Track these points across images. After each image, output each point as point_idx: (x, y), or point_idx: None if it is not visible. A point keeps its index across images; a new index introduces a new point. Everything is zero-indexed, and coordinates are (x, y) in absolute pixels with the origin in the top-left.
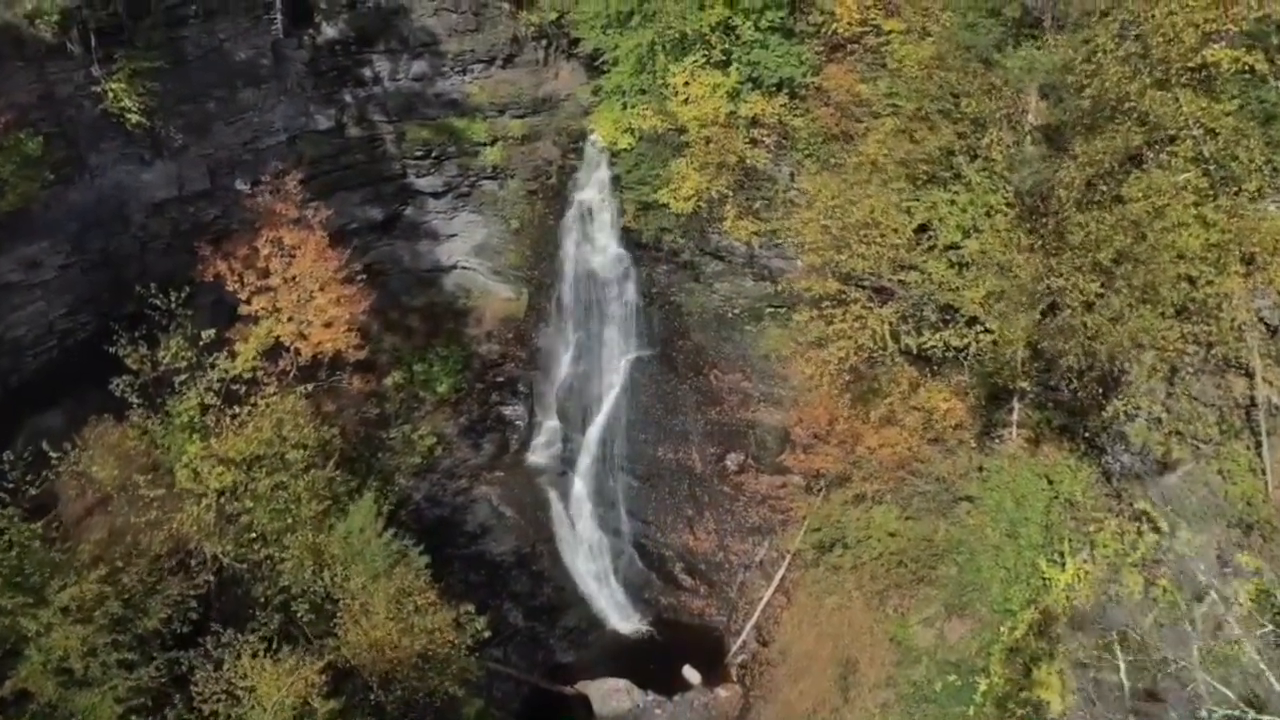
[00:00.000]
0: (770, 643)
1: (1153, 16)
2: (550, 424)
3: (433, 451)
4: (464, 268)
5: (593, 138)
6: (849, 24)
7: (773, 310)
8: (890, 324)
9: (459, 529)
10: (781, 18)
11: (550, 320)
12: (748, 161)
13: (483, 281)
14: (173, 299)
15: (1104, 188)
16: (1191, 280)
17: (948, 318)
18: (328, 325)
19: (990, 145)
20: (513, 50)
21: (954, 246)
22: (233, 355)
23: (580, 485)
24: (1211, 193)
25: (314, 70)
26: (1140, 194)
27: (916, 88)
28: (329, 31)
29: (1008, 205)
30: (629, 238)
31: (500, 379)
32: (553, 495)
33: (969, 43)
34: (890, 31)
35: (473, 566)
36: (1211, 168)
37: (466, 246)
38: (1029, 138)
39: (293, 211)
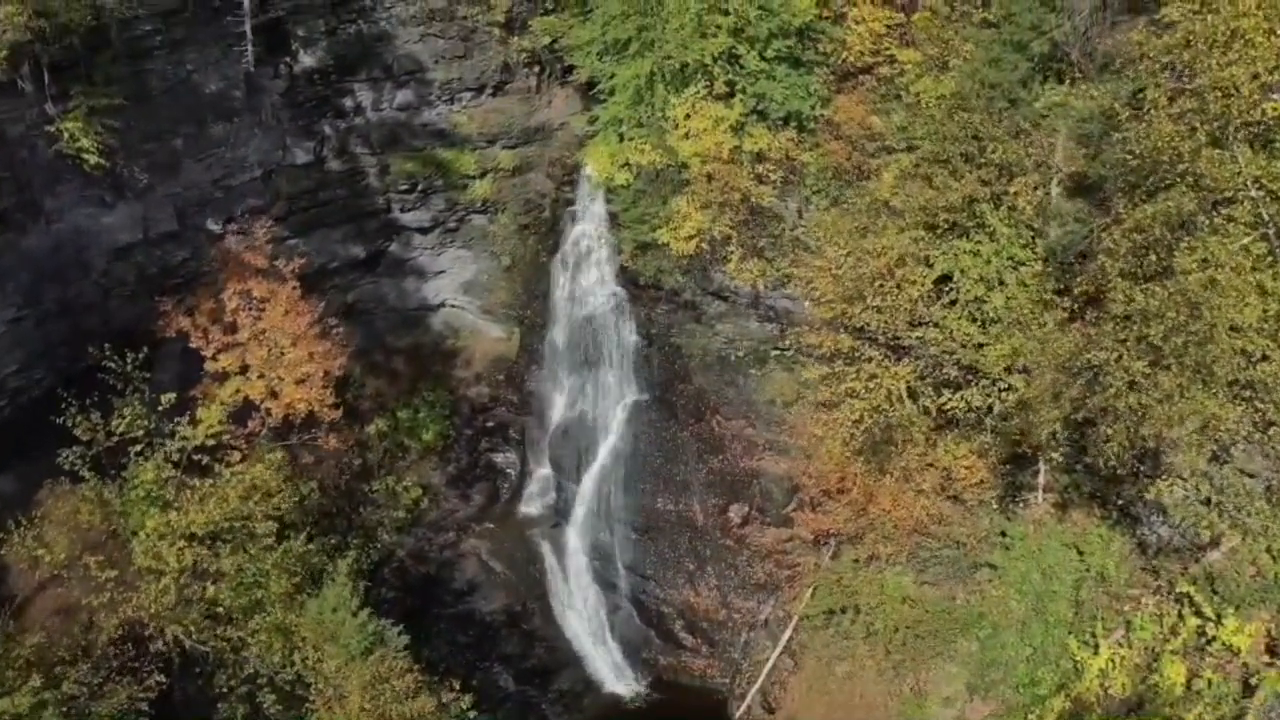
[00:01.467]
0: (776, 709)
1: (1209, 68)
2: (543, 472)
3: (418, 504)
4: (452, 306)
5: (587, 172)
6: (860, 53)
7: (779, 353)
8: (907, 383)
9: (446, 586)
10: (789, 47)
11: (543, 362)
12: (753, 199)
13: (472, 320)
14: (129, 360)
15: (1154, 257)
16: (1247, 354)
17: (969, 376)
18: (300, 382)
19: (1017, 194)
20: (503, 77)
21: (977, 300)
22: (195, 422)
23: (575, 538)
24: (1271, 259)
25: (291, 101)
26: (1194, 264)
27: (935, 129)
28: (307, 60)
29: (1036, 258)
30: (626, 276)
31: (490, 424)
32: (545, 548)
33: (993, 80)
34: (905, 63)
35: (460, 626)
36: (1271, 232)
37: (455, 284)
38: (1060, 188)
39: (262, 261)
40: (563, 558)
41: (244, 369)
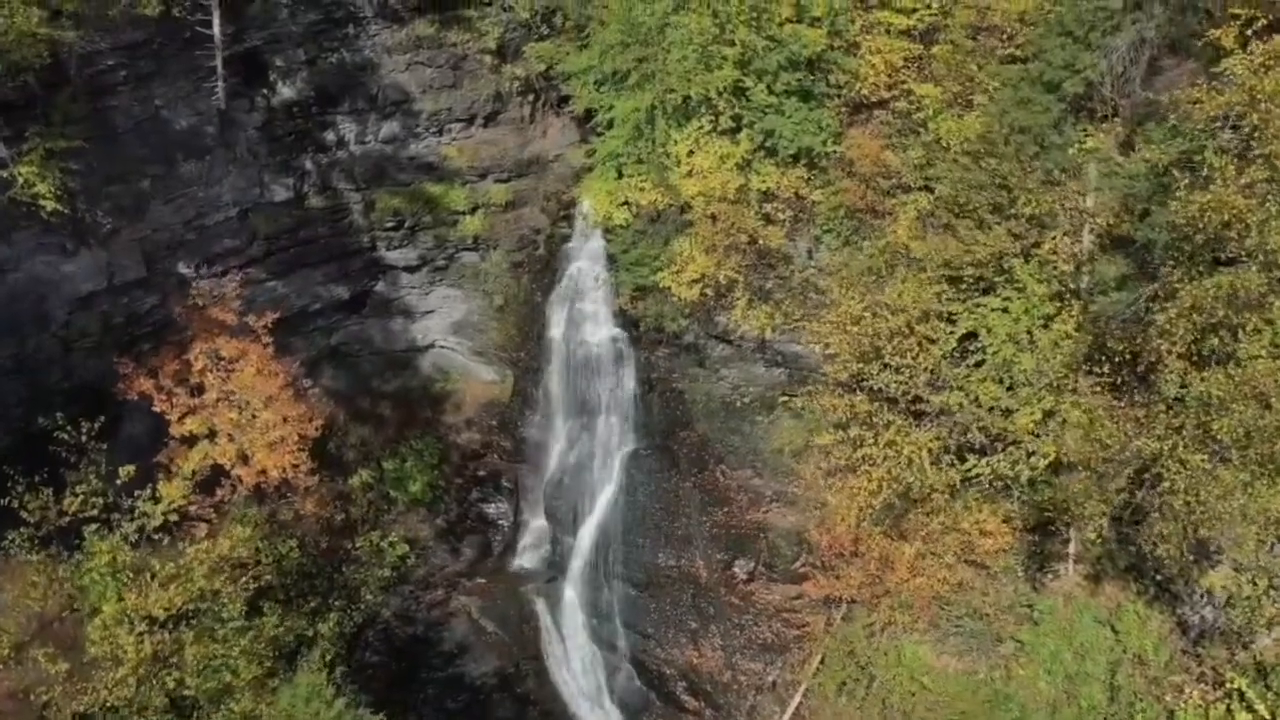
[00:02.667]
0: None
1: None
2: (538, 524)
3: (404, 560)
4: (442, 347)
5: (584, 210)
6: (875, 86)
7: (787, 400)
8: (929, 450)
9: (434, 648)
10: (800, 80)
11: (538, 407)
12: (760, 241)
13: (462, 362)
14: (85, 430)
15: (1216, 340)
16: None
17: (996, 441)
18: (274, 446)
19: (1052, 250)
20: (495, 107)
21: (1006, 363)
22: (156, 498)
23: (571, 594)
24: None
25: (269, 135)
26: (1263, 351)
27: (960, 175)
28: (285, 91)
29: (1071, 318)
30: (626, 317)
31: (482, 473)
32: (540, 605)
33: (1022, 124)
34: (924, 97)
35: (450, 691)
36: None
37: (444, 324)
38: (1095, 240)
39: (231, 318)
40: (558, 615)
41: (212, 433)
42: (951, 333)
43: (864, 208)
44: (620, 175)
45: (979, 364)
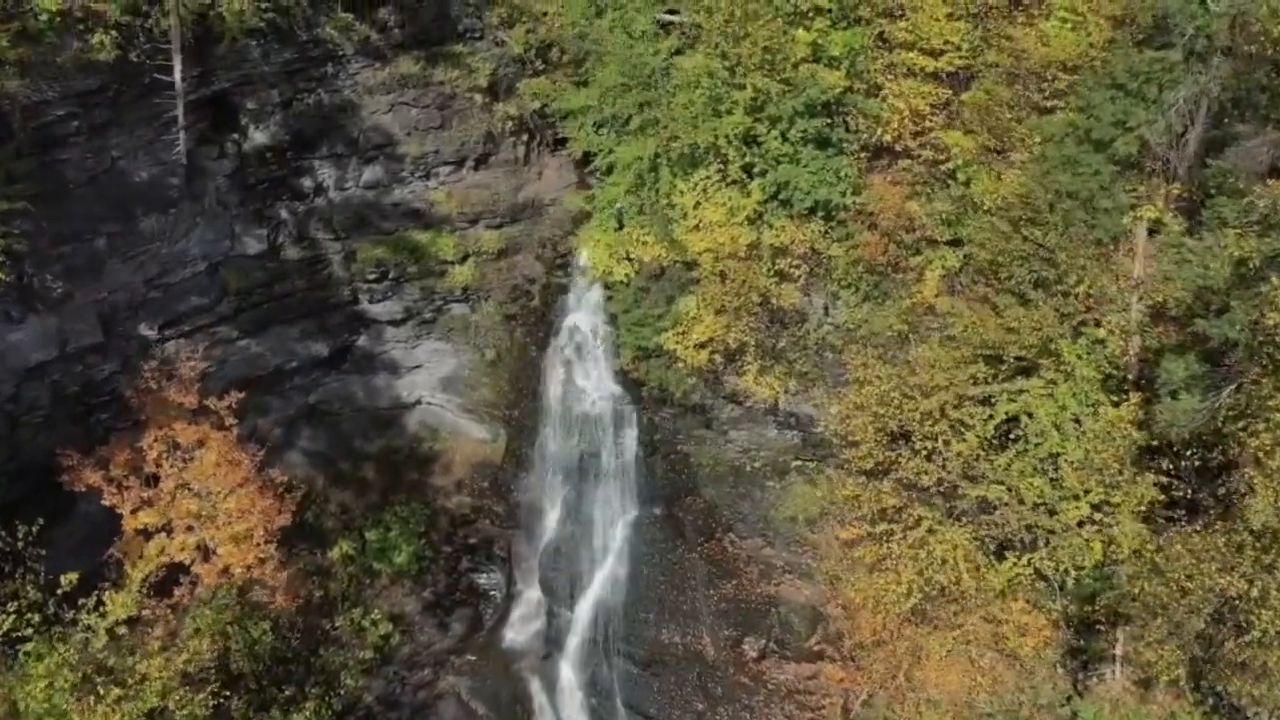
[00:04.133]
0: None
1: None
2: (532, 595)
3: (388, 639)
4: (429, 404)
5: (582, 262)
6: (899, 133)
7: (800, 464)
8: (964, 549)
9: None
10: (817, 128)
11: (533, 469)
12: (773, 301)
13: (452, 420)
14: (22, 534)
15: None
16: None
17: (1038, 534)
18: (239, 540)
19: (1109, 331)
20: (487, 149)
21: (1052, 456)
22: (103, 611)
23: (568, 672)
24: None
25: (240, 183)
26: None
27: (998, 244)
28: (258, 136)
29: (1131, 409)
30: (627, 375)
31: (472, 540)
32: (535, 685)
33: (1068, 188)
34: (953, 146)
35: None
36: None
37: (432, 379)
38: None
39: (190, 400)
40: (554, 695)
41: (169, 527)
42: (989, 417)
43: (885, 263)
44: (621, 225)
45: (1020, 453)
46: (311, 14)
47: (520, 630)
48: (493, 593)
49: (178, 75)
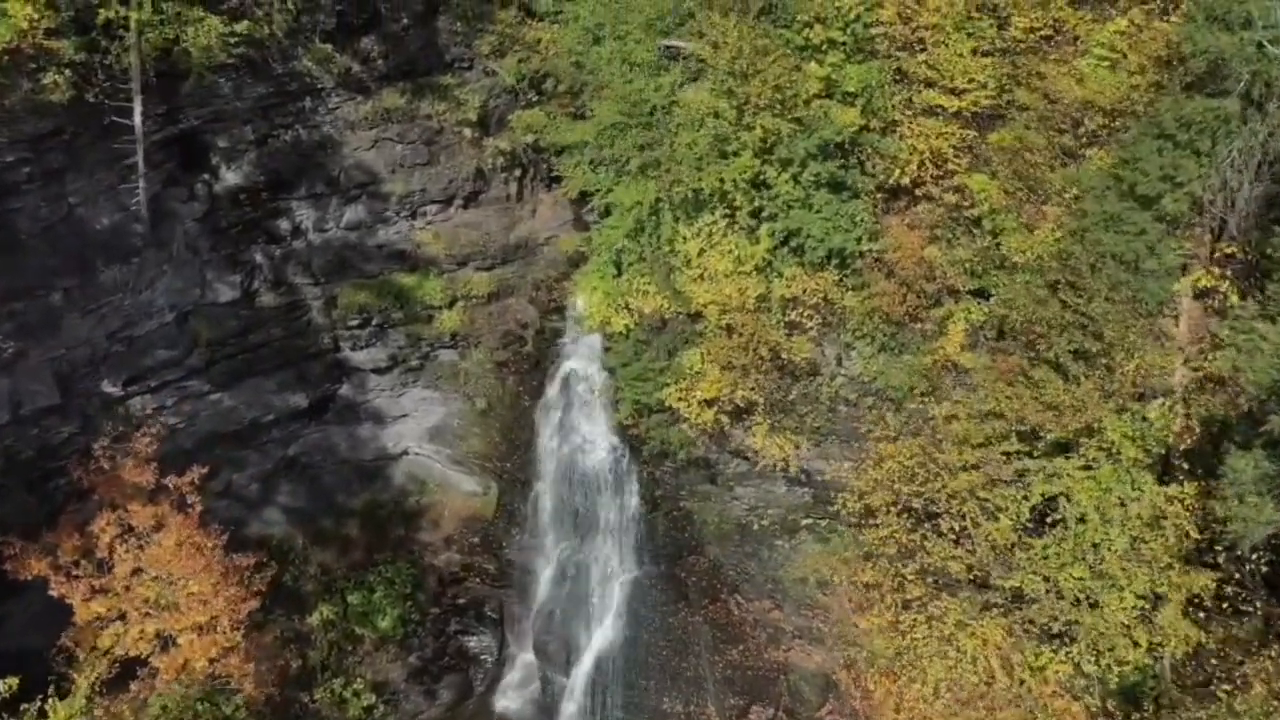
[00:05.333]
0: None
1: None
2: (525, 658)
3: (371, 712)
4: (417, 455)
5: (577, 311)
6: (920, 175)
7: (811, 523)
8: (998, 647)
9: None
10: (831, 171)
11: (526, 526)
12: (784, 355)
13: (441, 472)
14: None
15: None
16: None
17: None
18: (201, 630)
19: (1161, 418)
20: (477, 186)
21: (1094, 546)
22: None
23: None
24: None
25: (211, 227)
26: None
27: (1032, 309)
28: (230, 177)
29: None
30: (627, 428)
31: (462, 600)
32: None
33: (1112, 249)
34: (978, 191)
35: None
36: None
37: (420, 429)
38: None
39: (146, 478)
40: None
41: (124, 615)
42: (1024, 498)
43: (904, 313)
44: (619, 271)
45: (1059, 540)
46: (287, 45)
47: (513, 697)
48: (483, 657)
49: (138, 117)
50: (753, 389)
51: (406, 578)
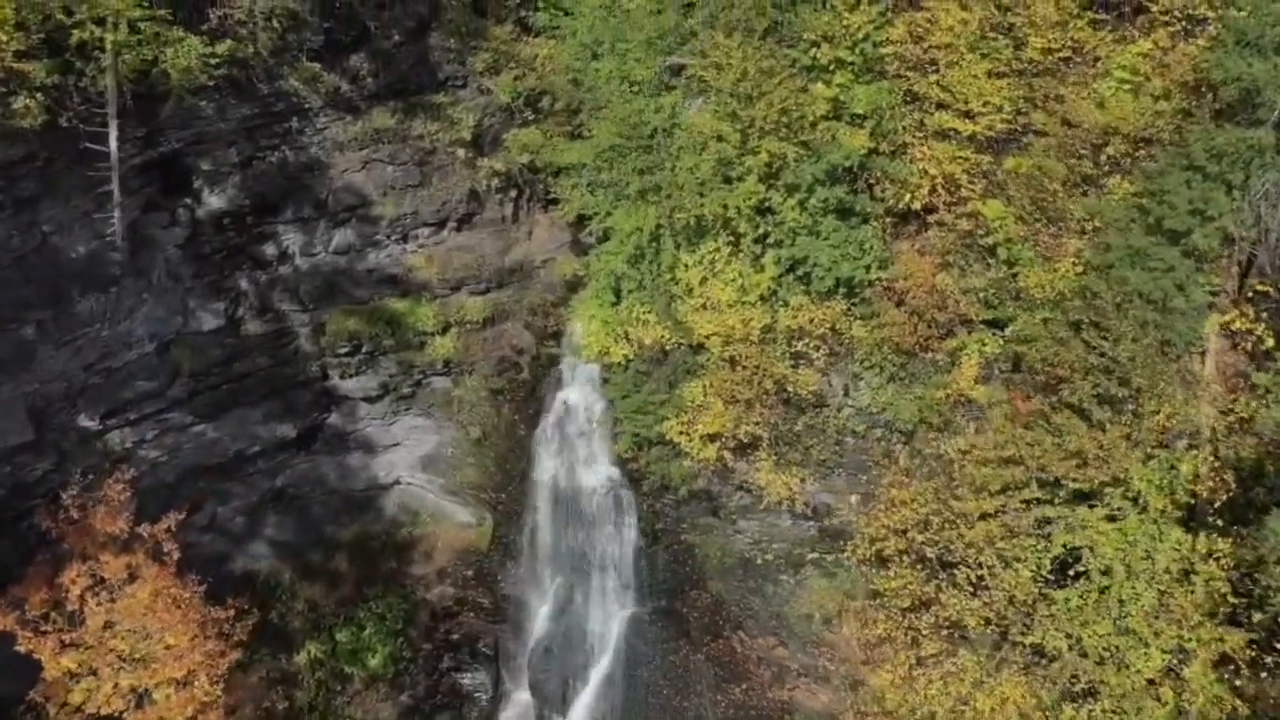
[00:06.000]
0: None
1: None
2: (521, 696)
3: None
4: (409, 484)
5: (575, 340)
6: (931, 201)
7: (818, 557)
8: (1018, 706)
9: None
10: (839, 196)
11: (521, 559)
12: (789, 389)
13: (434, 502)
14: None
15: None
16: None
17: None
18: (179, 685)
19: (1193, 471)
20: (470, 208)
21: (1121, 602)
22: None
23: None
24: None
25: (193, 253)
26: None
27: (1053, 350)
28: (214, 201)
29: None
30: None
31: (455, 636)
32: None
33: (1139, 287)
34: (993, 220)
35: None
36: None
37: (412, 458)
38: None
39: (118, 526)
40: None
41: (96, 670)
42: (1044, 548)
43: (915, 343)
44: (618, 299)
45: (1083, 594)
46: (273, 64)
47: None
48: (478, 694)
49: (113, 143)
50: (757, 424)
51: (398, 613)
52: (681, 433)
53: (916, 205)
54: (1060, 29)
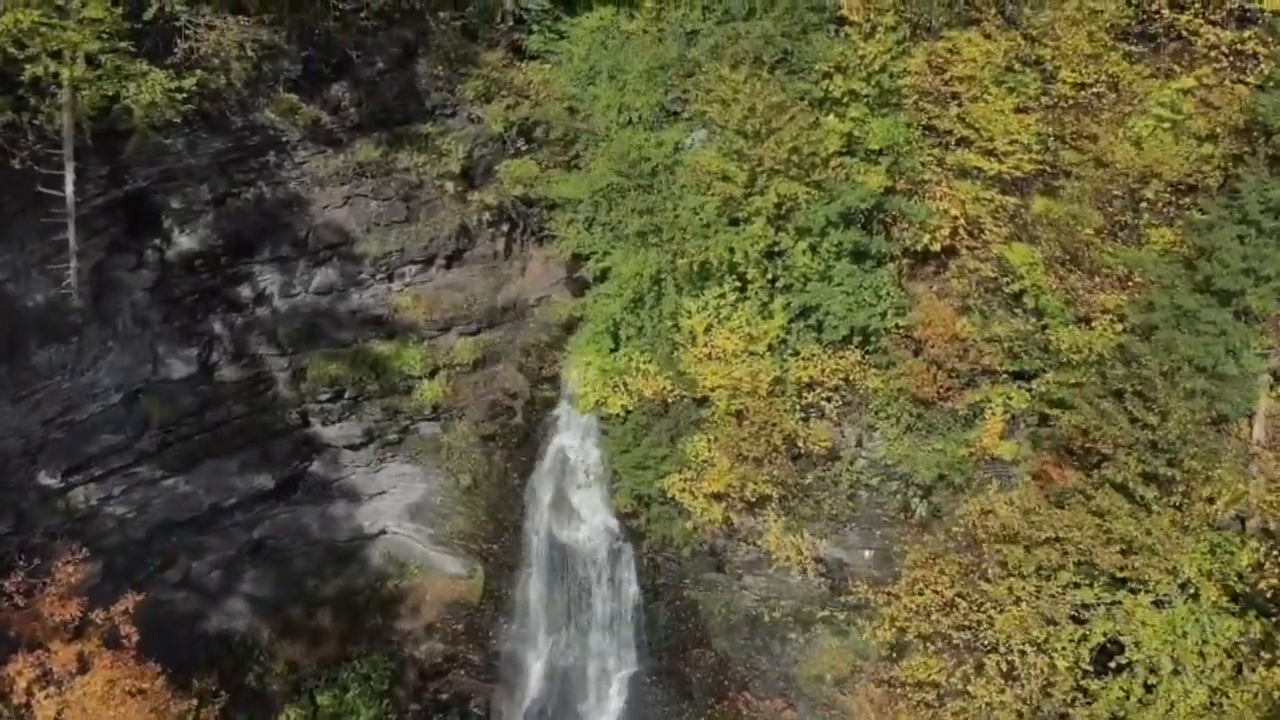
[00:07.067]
0: None
1: None
2: None
3: None
4: (395, 534)
5: (570, 388)
6: (952, 243)
7: (829, 615)
8: None
9: None
10: (854, 239)
11: (515, 613)
12: (800, 444)
13: (421, 552)
14: None
15: None
16: None
17: None
18: None
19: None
20: (460, 244)
21: (1171, 704)
22: None
23: None
24: None
25: (163, 296)
26: None
27: (1093, 419)
28: (185, 241)
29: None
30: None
31: (445, 696)
32: None
33: (1187, 353)
34: (1019, 265)
35: None
36: None
37: (399, 507)
38: None
39: (69, 612)
40: None
41: None
42: (1082, 637)
43: (934, 393)
44: (617, 344)
45: (1125, 689)
46: (247, 96)
47: None
48: None
49: (69, 187)
50: (765, 481)
51: (383, 672)
52: (684, 490)
53: (936, 247)
54: (1094, 61)
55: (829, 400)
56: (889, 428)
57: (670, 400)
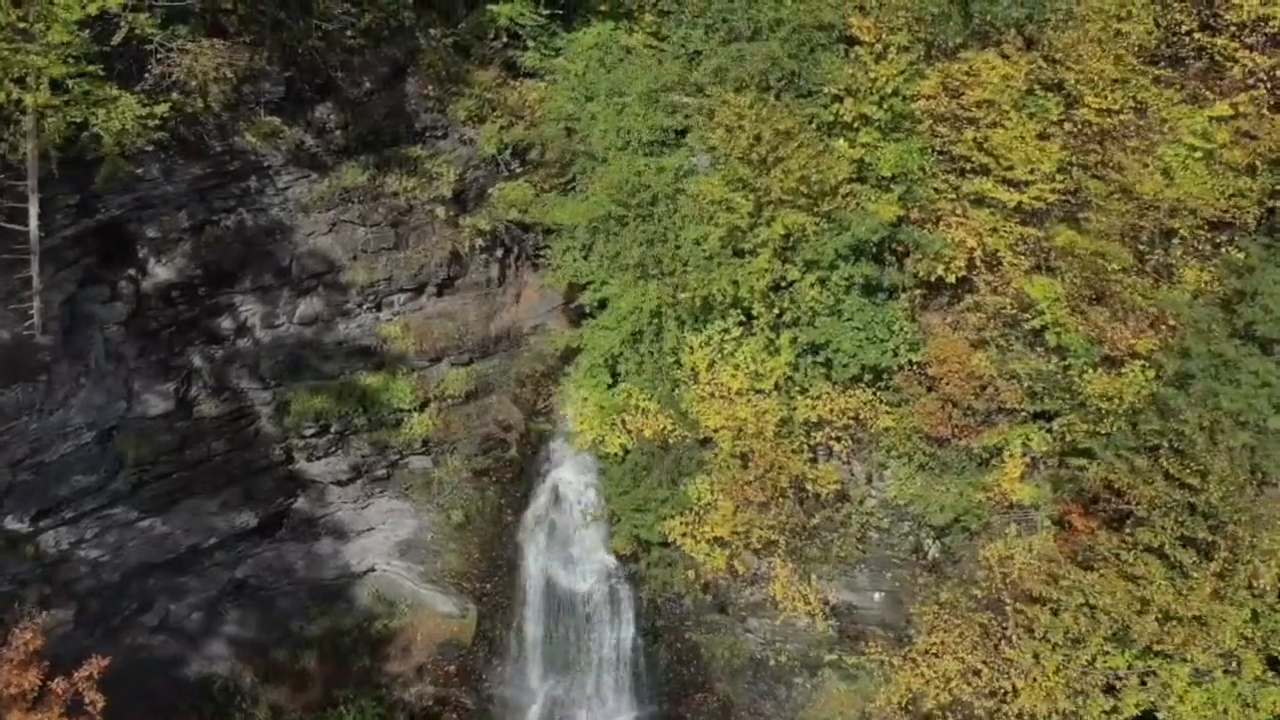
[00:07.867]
0: None
1: None
2: None
3: None
4: (384, 571)
5: (566, 425)
6: (968, 275)
7: (836, 659)
8: None
9: None
10: (865, 273)
11: (508, 656)
12: (809, 488)
13: (412, 590)
14: None
15: None
16: None
17: None
18: None
19: None
20: (452, 271)
21: None
22: None
23: None
24: None
25: (138, 330)
26: None
27: (1129, 477)
28: (161, 272)
29: None
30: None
31: None
32: None
33: (1229, 407)
34: (1039, 300)
35: None
36: None
37: (388, 544)
38: None
39: (28, 681)
40: None
41: None
42: (1114, 709)
43: (949, 432)
44: (614, 380)
45: None
46: (226, 120)
47: None
48: None
49: (33, 221)
50: (771, 527)
51: (372, 717)
52: (685, 534)
53: (951, 278)
54: (1120, 86)
55: (838, 440)
56: (900, 466)
57: (671, 440)
